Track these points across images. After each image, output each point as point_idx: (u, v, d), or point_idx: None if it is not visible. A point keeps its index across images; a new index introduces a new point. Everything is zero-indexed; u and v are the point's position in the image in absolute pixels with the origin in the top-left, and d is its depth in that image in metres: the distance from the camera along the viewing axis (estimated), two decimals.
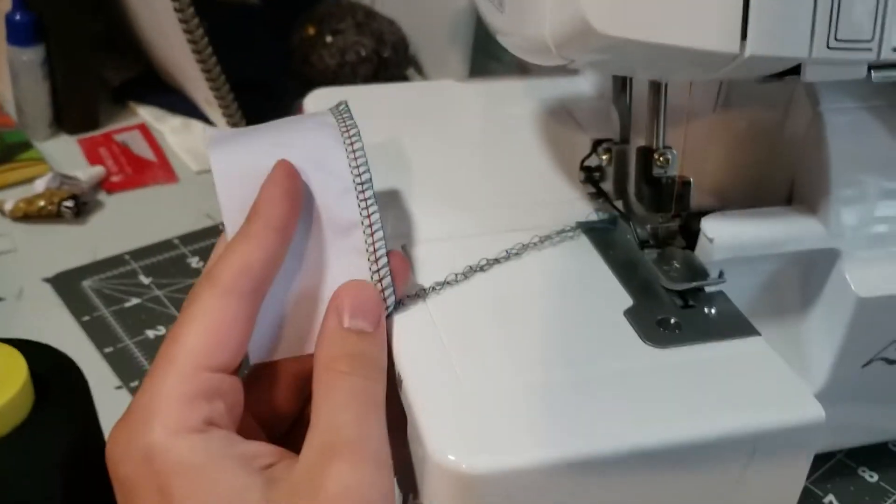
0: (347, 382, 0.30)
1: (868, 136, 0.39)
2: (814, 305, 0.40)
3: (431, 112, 0.49)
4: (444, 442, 0.30)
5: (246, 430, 0.32)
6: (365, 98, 0.50)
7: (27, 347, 0.30)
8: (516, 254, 0.37)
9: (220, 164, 0.33)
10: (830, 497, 0.45)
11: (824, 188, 0.38)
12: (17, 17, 0.62)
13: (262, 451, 0.29)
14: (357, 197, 0.34)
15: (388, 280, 0.34)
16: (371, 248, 0.33)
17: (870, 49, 0.33)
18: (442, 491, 0.30)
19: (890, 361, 0.42)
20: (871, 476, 0.46)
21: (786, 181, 0.41)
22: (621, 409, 0.31)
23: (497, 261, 0.37)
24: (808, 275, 0.40)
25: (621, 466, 0.31)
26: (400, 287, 0.34)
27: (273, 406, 0.34)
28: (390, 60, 0.66)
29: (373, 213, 0.34)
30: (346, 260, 0.33)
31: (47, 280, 0.54)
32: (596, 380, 0.32)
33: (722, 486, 0.32)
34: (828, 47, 0.33)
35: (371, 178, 0.34)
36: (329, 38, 0.66)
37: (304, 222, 0.33)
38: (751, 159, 0.42)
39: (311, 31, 0.66)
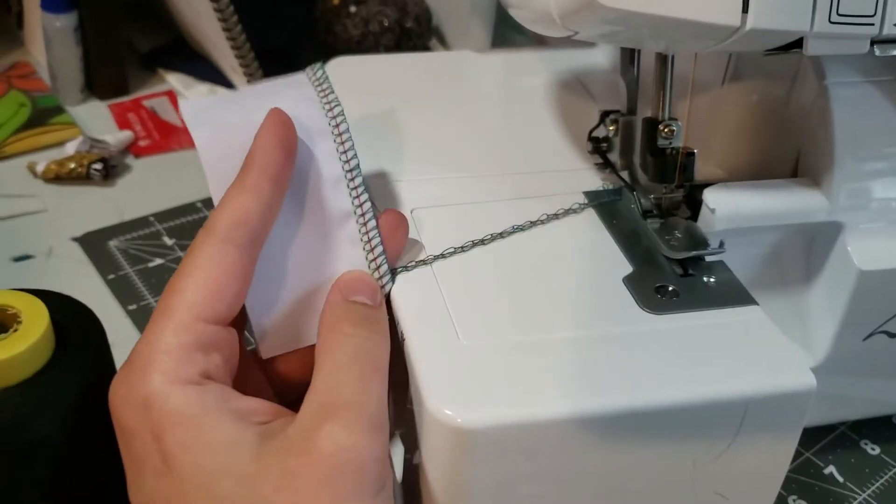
0: (351, 343, 0.30)
1: (873, 111, 0.39)
2: (817, 277, 0.41)
3: (447, 81, 0.50)
4: (441, 397, 0.31)
5: (256, 389, 0.33)
6: (382, 66, 0.51)
7: (49, 298, 0.32)
8: (521, 228, 0.38)
9: (203, 138, 0.33)
10: (831, 468, 0.46)
11: (828, 161, 0.39)
12: None
13: (259, 407, 0.30)
14: (348, 185, 0.34)
15: (385, 268, 0.34)
16: (365, 238, 0.34)
17: (872, 24, 0.33)
18: (439, 445, 0.31)
19: (891, 335, 0.42)
20: (873, 449, 0.47)
21: (792, 154, 0.41)
22: (615, 371, 0.32)
23: (501, 235, 0.38)
24: (811, 247, 0.41)
25: (614, 426, 0.32)
26: (401, 241, 0.35)
27: (285, 374, 0.34)
28: (413, 31, 0.67)
29: (364, 203, 0.34)
30: (342, 251, 0.34)
31: (75, 239, 0.56)
32: (591, 342, 0.33)
33: (713, 452, 0.33)
34: (829, 21, 0.33)
35: (359, 164, 0.35)
36: (353, 8, 0.67)
37: (297, 206, 0.34)
38: (758, 132, 0.42)
39: (336, 0, 0.67)
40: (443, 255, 0.37)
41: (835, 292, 0.40)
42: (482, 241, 0.37)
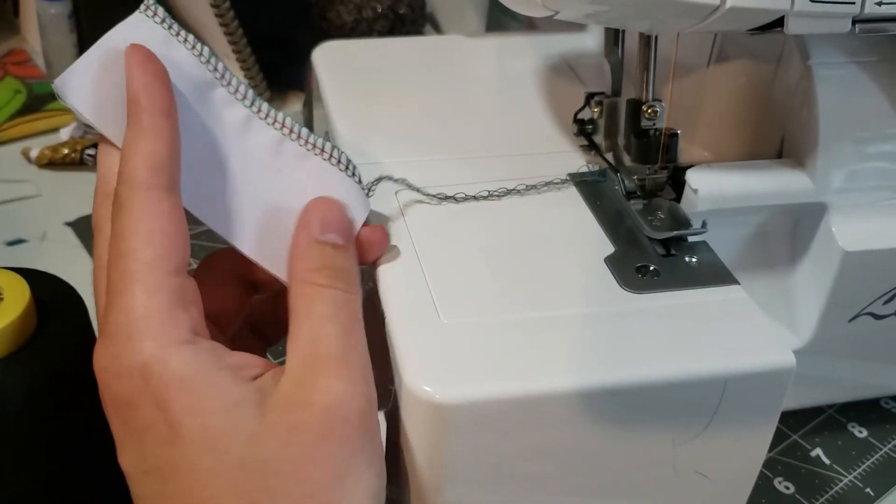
0: (328, 295, 0.30)
1: (857, 92, 0.39)
2: (802, 258, 0.41)
3: (436, 65, 0.50)
4: (419, 374, 0.31)
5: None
6: (372, 50, 0.51)
7: (32, 276, 0.32)
8: (497, 196, 0.39)
9: (73, 94, 0.32)
10: (818, 451, 0.46)
11: (812, 142, 0.39)
12: None
13: (248, 361, 0.30)
14: (260, 118, 0.34)
15: (357, 168, 0.35)
16: (316, 147, 0.34)
17: (853, 2, 0.33)
18: (418, 422, 0.31)
19: (877, 316, 0.42)
20: (861, 431, 0.47)
21: (777, 136, 0.41)
22: (593, 348, 0.33)
23: (475, 197, 0.38)
24: (796, 228, 0.41)
25: (592, 403, 0.32)
26: (376, 253, 0.35)
27: (220, 307, 0.34)
28: (406, 17, 0.67)
29: (293, 125, 0.34)
30: (294, 172, 0.34)
31: (69, 224, 0.56)
32: (570, 320, 0.34)
33: (692, 430, 0.33)
34: (810, 0, 0.33)
35: (253, 93, 0.34)
36: None
37: (221, 155, 0.33)
38: (743, 114, 0.42)
39: None
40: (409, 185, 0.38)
41: (820, 273, 0.40)
42: (453, 198, 0.38)
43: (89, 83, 0.32)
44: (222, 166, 0.33)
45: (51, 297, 0.32)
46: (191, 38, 0.33)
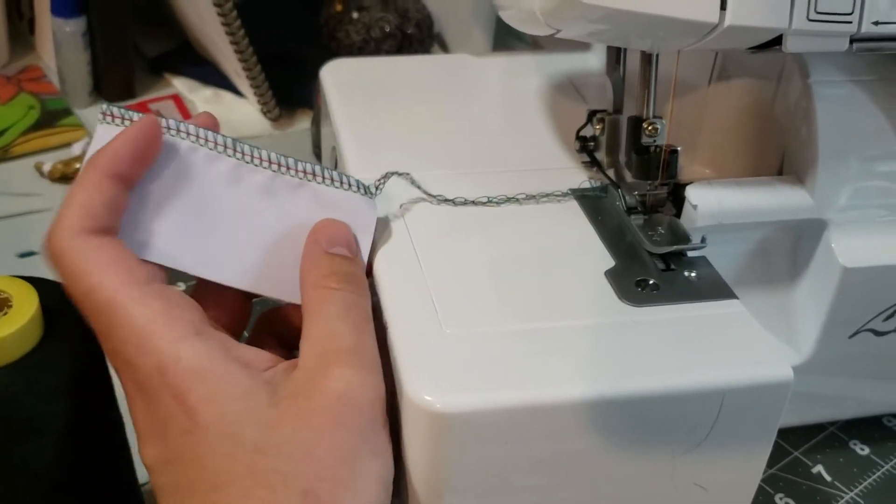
0: (339, 296, 0.32)
1: (857, 110, 0.39)
2: (802, 275, 0.41)
3: (443, 83, 0.51)
4: (420, 383, 0.31)
5: None
6: (380, 68, 0.52)
7: (40, 284, 0.33)
8: (496, 203, 0.39)
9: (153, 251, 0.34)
10: (819, 467, 0.46)
11: (812, 159, 0.39)
12: None
13: (258, 354, 0.32)
14: (246, 162, 0.35)
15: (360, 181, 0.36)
16: (307, 174, 0.35)
17: (850, 21, 0.34)
18: (419, 430, 0.32)
19: (878, 333, 0.42)
20: (863, 449, 0.47)
21: (778, 153, 0.42)
22: (593, 359, 0.33)
23: (473, 202, 0.39)
24: (797, 244, 0.41)
25: (592, 414, 0.32)
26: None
27: (224, 313, 0.36)
28: (414, 37, 0.68)
29: (279, 159, 0.35)
30: (294, 201, 0.35)
31: None
32: (570, 331, 0.34)
33: (691, 442, 0.34)
34: (808, 19, 0.34)
35: (232, 140, 0.35)
36: (355, 14, 0.68)
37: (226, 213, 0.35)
38: (744, 132, 0.43)
39: (339, 7, 0.69)
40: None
41: (820, 290, 0.41)
42: (452, 201, 0.40)
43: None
44: (220, 221, 0.35)
45: (58, 306, 0.32)
46: (161, 117, 0.35)
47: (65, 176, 0.61)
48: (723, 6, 0.33)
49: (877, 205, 0.40)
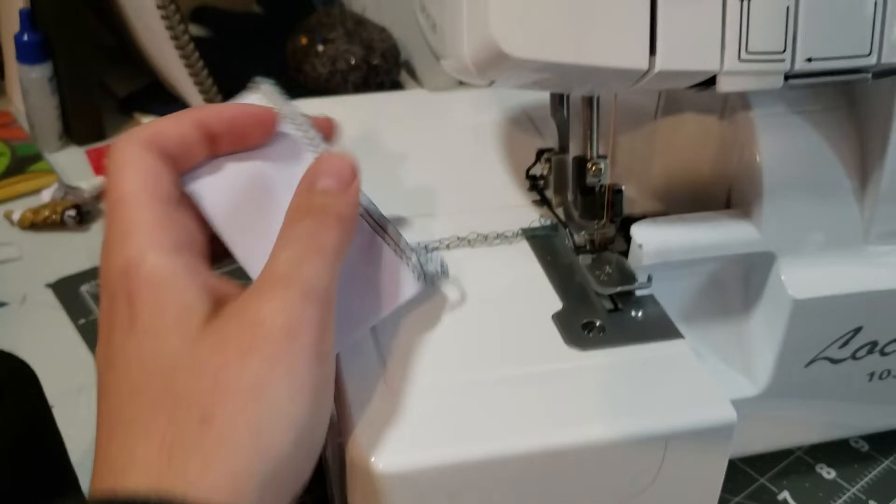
0: (296, 227, 0.32)
1: (801, 141, 0.39)
2: (755, 306, 0.41)
3: (396, 124, 0.51)
4: (362, 442, 0.32)
5: None
6: (337, 110, 0.52)
7: None
8: (447, 247, 0.40)
9: (206, 196, 0.34)
10: (785, 494, 0.46)
11: (757, 192, 0.39)
12: (25, 38, 0.65)
13: (228, 287, 0.31)
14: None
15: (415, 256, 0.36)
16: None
17: (783, 60, 0.34)
18: (361, 489, 0.32)
19: (834, 361, 0.42)
20: (829, 473, 0.47)
21: (725, 186, 0.42)
22: (536, 410, 0.33)
23: (426, 248, 0.39)
24: (748, 276, 0.41)
25: (533, 465, 0.32)
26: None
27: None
28: (380, 68, 0.68)
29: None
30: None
31: (49, 286, 0.57)
32: (513, 381, 0.34)
33: (637, 486, 0.34)
34: (739, 59, 0.34)
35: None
36: (320, 48, 0.68)
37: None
38: (691, 164, 0.43)
39: (304, 40, 0.69)
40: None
41: (772, 321, 0.41)
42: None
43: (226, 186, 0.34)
44: (273, 214, 0.34)
45: (4, 375, 0.32)
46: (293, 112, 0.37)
47: (34, 224, 0.61)
48: (652, 51, 0.33)
49: (824, 235, 0.40)
